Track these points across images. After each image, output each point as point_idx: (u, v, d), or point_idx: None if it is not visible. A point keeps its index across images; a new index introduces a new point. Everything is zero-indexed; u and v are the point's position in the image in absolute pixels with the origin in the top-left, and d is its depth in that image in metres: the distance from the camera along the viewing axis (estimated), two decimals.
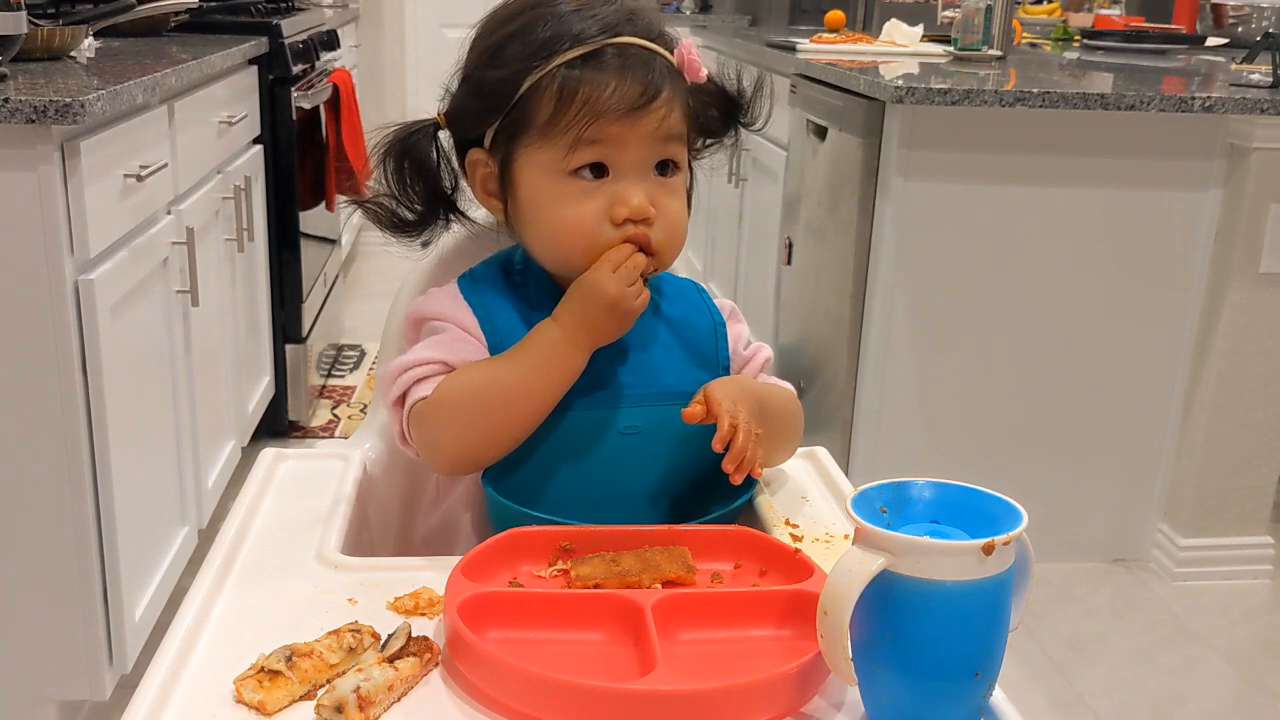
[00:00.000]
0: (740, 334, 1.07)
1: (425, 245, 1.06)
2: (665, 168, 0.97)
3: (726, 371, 1.04)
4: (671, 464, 0.98)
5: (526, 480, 0.97)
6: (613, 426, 0.98)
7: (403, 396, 0.97)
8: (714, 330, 1.05)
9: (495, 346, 0.99)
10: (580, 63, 0.93)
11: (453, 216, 1.05)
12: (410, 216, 1.03)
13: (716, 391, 0.94)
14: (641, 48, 0.95)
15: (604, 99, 0.93)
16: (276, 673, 0.72)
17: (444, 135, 1.02)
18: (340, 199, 3.24)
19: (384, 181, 1.01)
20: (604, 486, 0.97)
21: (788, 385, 1.09)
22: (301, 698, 0.72)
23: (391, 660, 0.74)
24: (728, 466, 0.92)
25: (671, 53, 0.97)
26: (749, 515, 1.02)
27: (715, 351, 1.04)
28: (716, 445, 0.92)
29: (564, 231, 0.96)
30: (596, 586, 0.84)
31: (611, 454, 0.98)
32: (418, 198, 1.02)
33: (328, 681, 0.73)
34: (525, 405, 0.95)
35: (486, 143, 0.99)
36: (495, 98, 0.96)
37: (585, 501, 0.95)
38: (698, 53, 0.98)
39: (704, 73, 0.99)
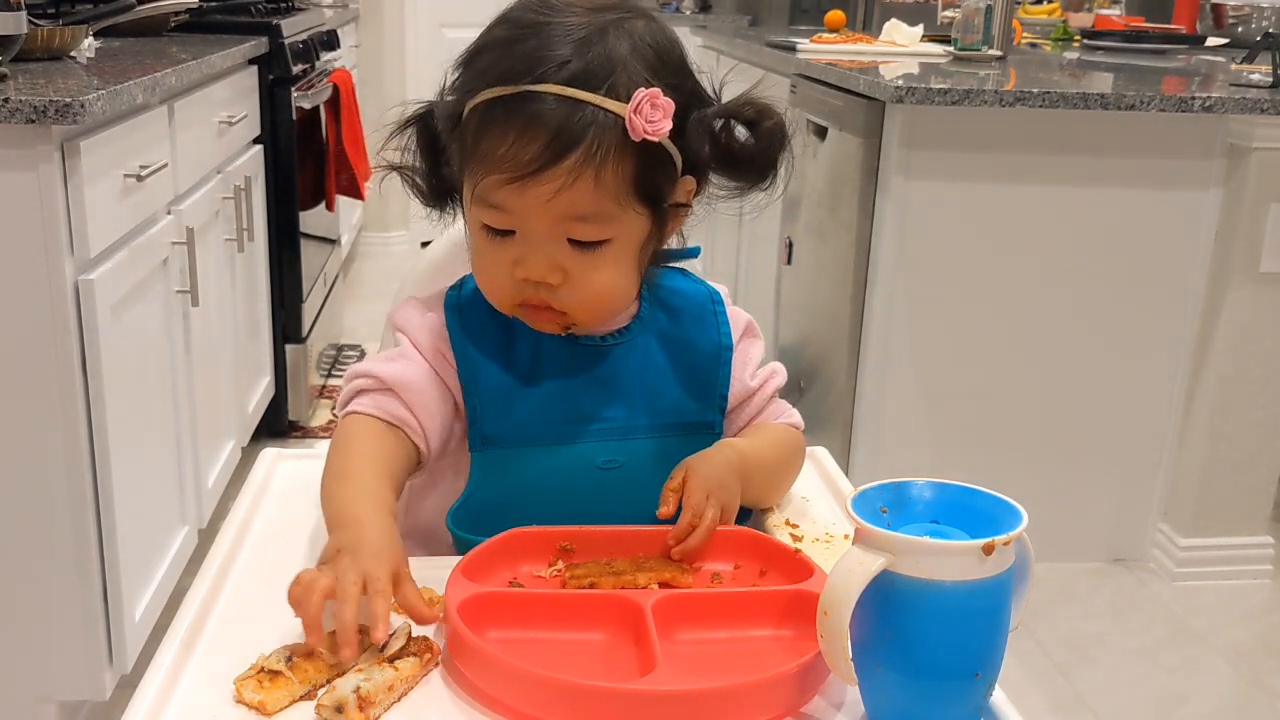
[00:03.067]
0: (751, 357, 1.03)
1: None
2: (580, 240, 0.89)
3: (724, 401, 1.00)
4: (654, 498, 0.91)
5: (497, 517, 0.92)
6: (590, 461, 0.95)
7: (347, 400, 0.96)
8: (717, 355, 1.00)
9: (465, 366, 0.95)
10: (500, 104, 0.86)
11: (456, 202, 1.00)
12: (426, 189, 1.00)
13: (695, 480, 0.90)
14: (566, 99, 0.85)
15: (497, 155, 0.86)
16: (277, 673, 0.72)
17: None
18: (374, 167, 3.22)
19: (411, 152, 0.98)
20: (581, 523, 0.91)
21: (793, 417, 1.04)
22: (302, 698, 0.72)
23: (391, 660, 0.74)
24: (670, 542, 0.88)
25: (627, 101, 0.86)
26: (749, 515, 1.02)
27: (714, 380, 1.00)
28: (669, 540, 0.88)
29: (479, 275, 0.94)
30: (592, 585, 0.84)
31: (589, 490, 0.95)
32: (427, 172, 0.99)
33: (328, 681, 0.73)
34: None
35: None
36: (449, 113, 0.93)
37: None
38: (659, 108, 0.86)
39: (653, 131, 0.86)
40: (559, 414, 0.95)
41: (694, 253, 1.04)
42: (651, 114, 0.86)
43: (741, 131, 0.95)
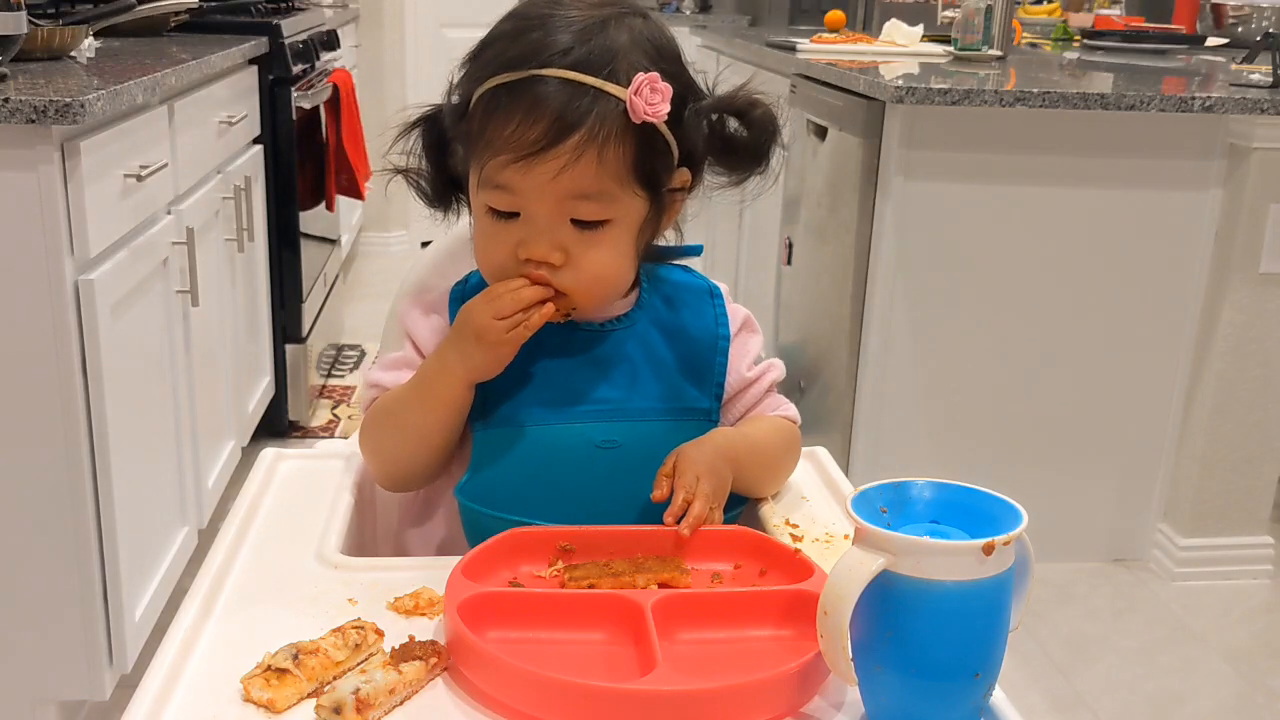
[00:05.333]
0: (749, 349, 1.05)
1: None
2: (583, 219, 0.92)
3: (720, 389, 1.02)
4: (651, 479, 0.94)
5: (501, 492, 0.96)
6: (589, 441, 0.97)
7: (366, 407, 1.02)
8: (714, 345, 1.03)
9: None
10: (506, 90, 0.90)
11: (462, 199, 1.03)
12: (430, 190, 1.03)
13: (684, 463, 0.93)
14: (570, 81, 0.88)
15: (503, 137, 0.89)
16: (284, 671, 0.72)
17: None
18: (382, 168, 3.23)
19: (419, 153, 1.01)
20: (581, 501, 0.95)
21: (788, 411, 1.06)
22: (309, 695, 0.72)
23: (399, 663, 0.73)
24: (670, 520, 0.90)
25: (627, 86, 0.89)
26: (749, 515, 1.02)
27: (711, 368, 1.02)
28: (667, 518, 0.90)
29: (482, 259, 0.97)
30: (591, 586, 0.84)
31: (588, 468, 0.97)
32: (432, 173, 1.01)
33: (334, 679, 0.73)
34: (410, 434, 0.98)
35: None
36: (456, 107, 0.96)
37: (562, 515, 0.93)
38: (659, 91, 0.89)
39: (653, 113, 0.89)
40: (558, 395, 0.98)
41: (696, 250, 1.06)
42: (651, 97, 0.89)
43: (734, 123, 0.98)
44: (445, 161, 1.00)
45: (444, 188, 1.01)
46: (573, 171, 0.89)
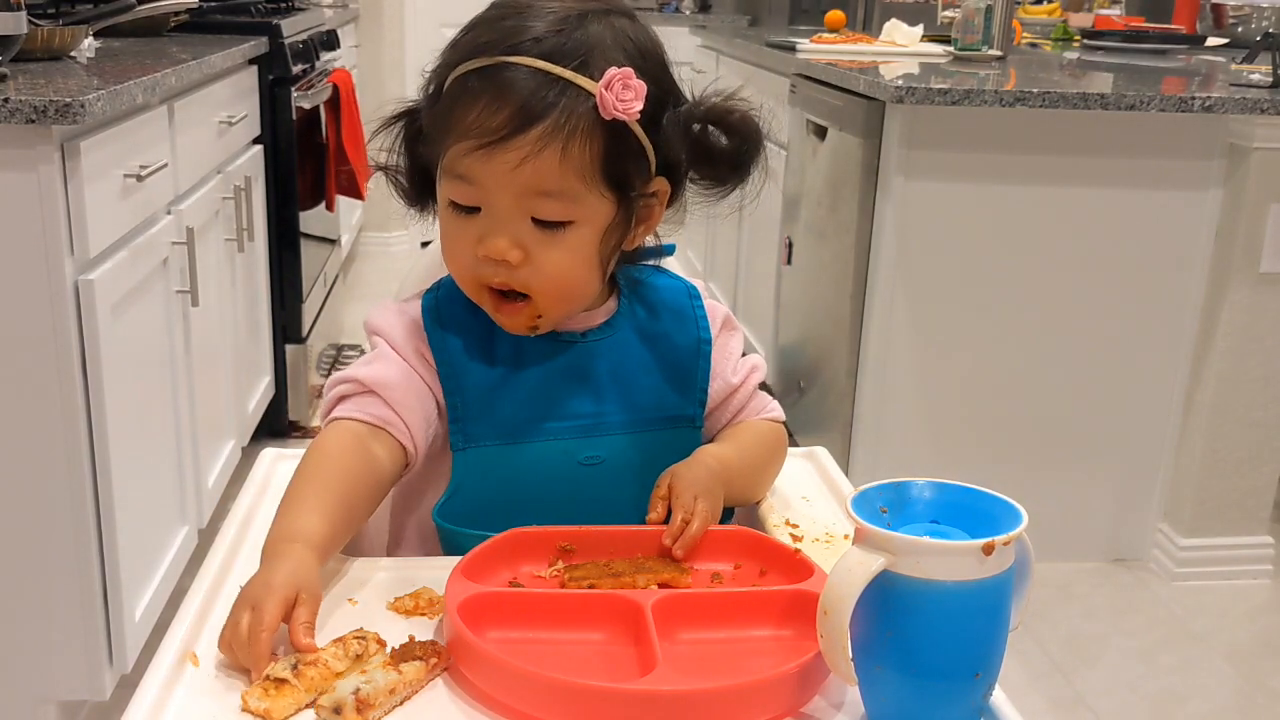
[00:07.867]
0: (730, 351, 1.03)
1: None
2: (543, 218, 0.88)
3: (704, 395, 1.01)
4: (637, 494, 0.93)
5: (483, 513, 0.94)
6: (572, 458, 0.96)
7: (329, 408, 0.95)
8: (696, 350, 1.01)
9: (445, 366, 0.95)
10: (476, 75, 0.87)
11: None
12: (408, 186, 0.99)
13: (680, 484, 0.91)
14: (540, 71, 0.86)
15: (467, 123, 0.86)
16: (282, 680, 0.72)
17: None
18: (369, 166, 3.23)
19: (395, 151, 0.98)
20: (565, 518, 0.91)
21: (774, 412, 1.05)
22: (307, 705, 0.72)
23: (398, 664, 0.73)
24: (667, 541, 0.88)
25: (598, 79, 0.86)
26: (750, 515, 1.02)
27: (694, 374, 1.00)
28: (665, 539, 0.88)
29: (445, 254, 0.94)
30: (591, 586, 0.84)
31: (571, 486, 0.96)
32: (409, 169, 0.98)
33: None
34: None
35: None
36: (432, 94, 0.93)
37: None
38: (632, 88, 0.86)
39: (624, 110, 0.86)
40: (540, 411, 0.96)
41: (669, 250, 1.04)
42: (623, 93, 0.86)
43: (716, 132, 0.95)
44: (421, 156, 0.97)
45: (421, 184, 0.98)
46: (534, 164, 0.85)
